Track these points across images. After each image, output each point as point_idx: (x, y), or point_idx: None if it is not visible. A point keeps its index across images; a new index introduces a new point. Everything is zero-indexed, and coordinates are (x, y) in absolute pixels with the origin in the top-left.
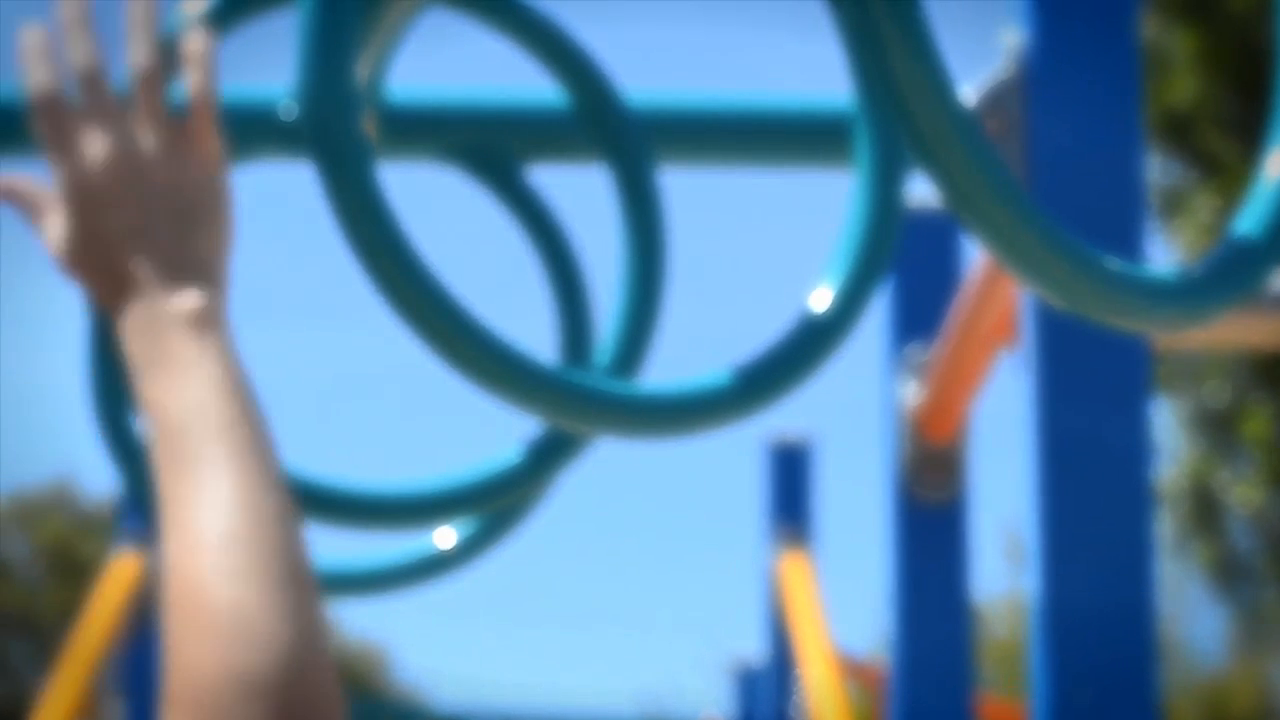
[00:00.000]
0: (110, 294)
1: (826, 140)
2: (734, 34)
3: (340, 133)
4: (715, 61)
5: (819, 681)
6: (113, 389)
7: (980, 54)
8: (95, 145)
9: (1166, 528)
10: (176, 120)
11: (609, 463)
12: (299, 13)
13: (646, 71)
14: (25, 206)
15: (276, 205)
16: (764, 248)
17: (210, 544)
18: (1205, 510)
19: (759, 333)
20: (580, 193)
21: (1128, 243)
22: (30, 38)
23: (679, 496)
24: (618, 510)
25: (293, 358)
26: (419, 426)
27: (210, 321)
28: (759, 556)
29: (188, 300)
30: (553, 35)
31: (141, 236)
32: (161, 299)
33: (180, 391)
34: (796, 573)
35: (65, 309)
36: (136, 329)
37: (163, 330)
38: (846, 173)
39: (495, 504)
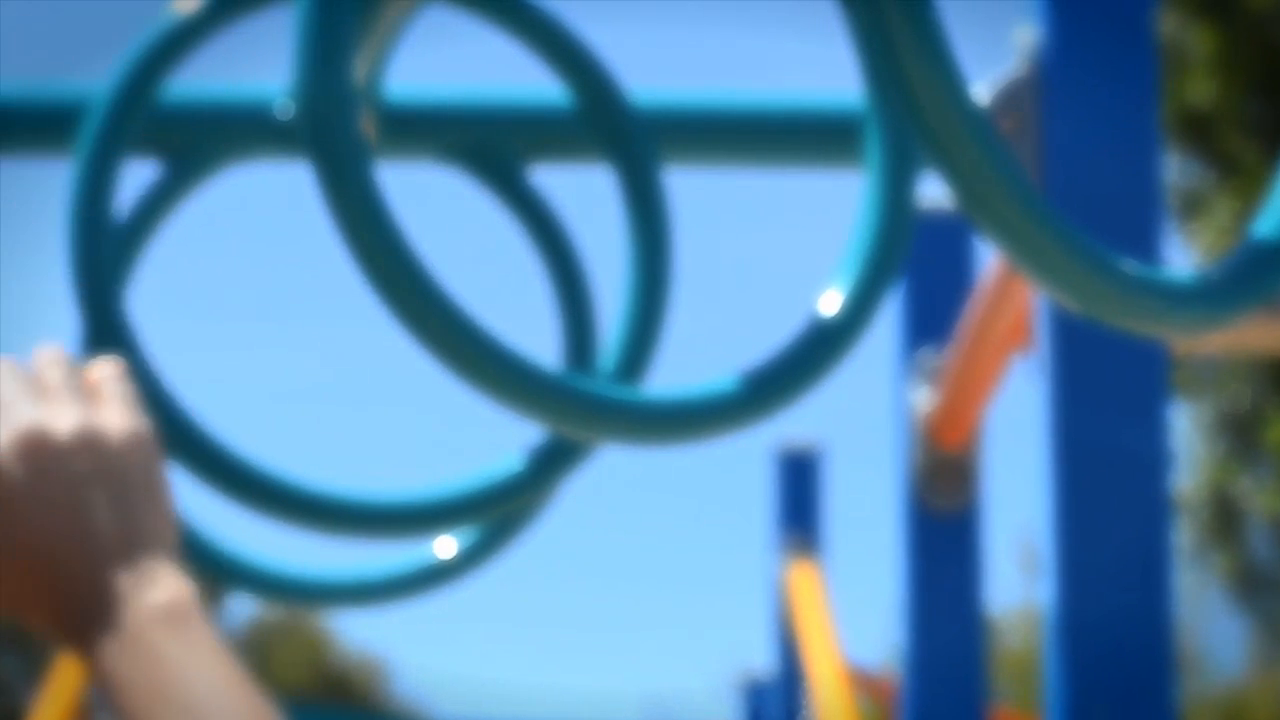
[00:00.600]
0: (56, 618)
1: (836, 140)
2: (740, 34)
3: (338, 132)
4: (721, 61)
5: (828, 694)
6: None
7: (994, 52)
8: None
9: (1185, 536)
10: (85, 390)
11: (614, 470)
12: (295, 9)
13: (651, 71)
14: None
15: (282, 202)
16: (772, 250)
17: None
18: (1225, 518)
19: (767, 337)
20: (584, 194)
21: (1145, 245)
22: None
23: (685, 504)
24: (623, 518)
25: (290, 360)
26: (418, 433)
27: (190, 612)
28: (767, 566)
29: (160, 593)
30: (556, 32)
31: (87, 537)
32: (130, 602)
33: (179, 700)
34: (805, 582)
35: (52, 314)
36: (110, 652)
37: (141, 639)
38: (857, 173)
39: (497, 512)
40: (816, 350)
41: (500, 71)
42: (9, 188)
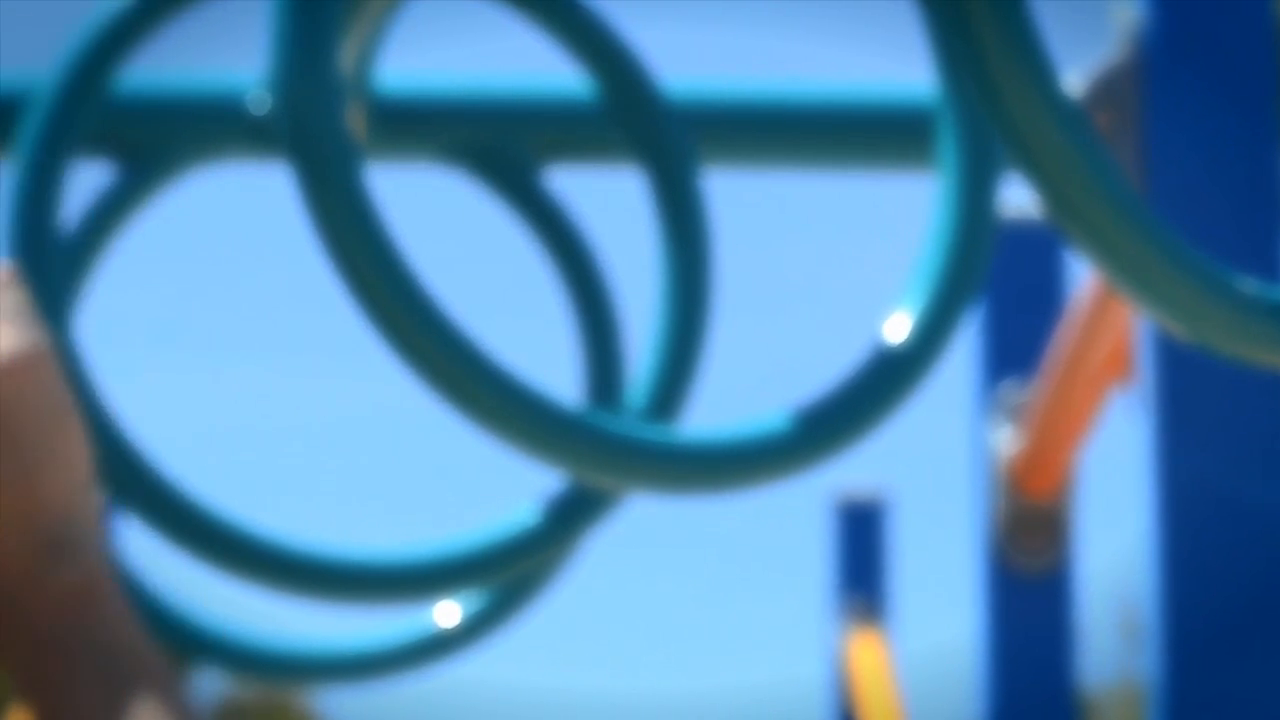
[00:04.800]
0: None
1: (905, 138)
2: (784, 33)
3: (321, 129)
4: (768, 60)
5: None
6: None
7: (1088, 35)
8: None
9: None
10: None
11: (645, 523)
12: None
13: (685, 70)
14: None
15: (257, 210)
16: (829, 266)
17: None
18: None
19: (824, 368)
20: (608, 201)
21: (1263, 259)
22: None
23: (728, 564)
24: (657, 581)
25: (269, 394)
26: (416, 482)
27: (93, 594)
28: (824, 633)
29: (62, 573)
30: (577, 15)
31: None
32: (24, 589)
33: (70, 701)
34: (868, 652)
35: None
36: (7, 664)
37: (38, 631)
38: (928, 177)
39: (508, 573)
40: (882, 383)
41: (511, 59)
42: None
